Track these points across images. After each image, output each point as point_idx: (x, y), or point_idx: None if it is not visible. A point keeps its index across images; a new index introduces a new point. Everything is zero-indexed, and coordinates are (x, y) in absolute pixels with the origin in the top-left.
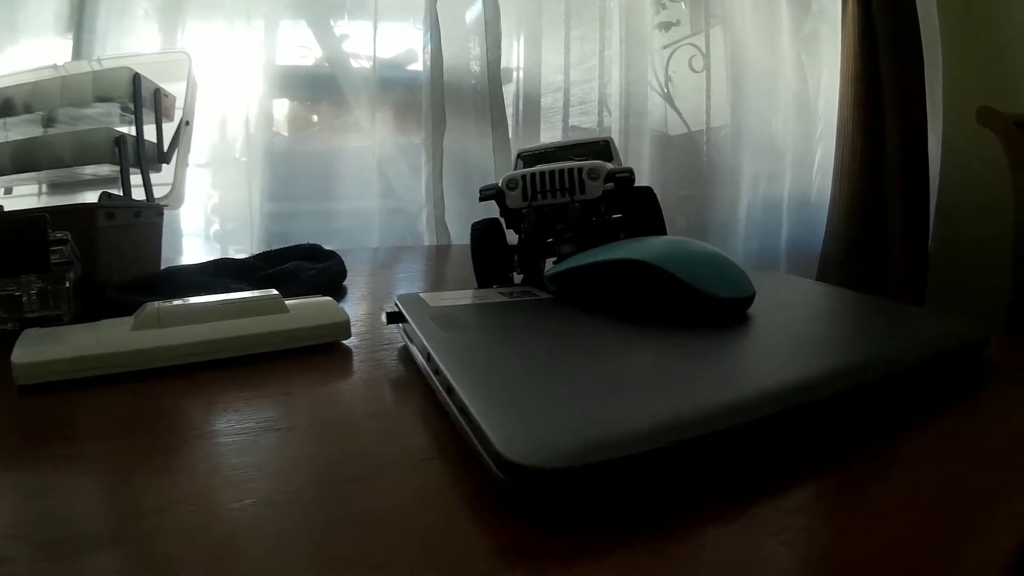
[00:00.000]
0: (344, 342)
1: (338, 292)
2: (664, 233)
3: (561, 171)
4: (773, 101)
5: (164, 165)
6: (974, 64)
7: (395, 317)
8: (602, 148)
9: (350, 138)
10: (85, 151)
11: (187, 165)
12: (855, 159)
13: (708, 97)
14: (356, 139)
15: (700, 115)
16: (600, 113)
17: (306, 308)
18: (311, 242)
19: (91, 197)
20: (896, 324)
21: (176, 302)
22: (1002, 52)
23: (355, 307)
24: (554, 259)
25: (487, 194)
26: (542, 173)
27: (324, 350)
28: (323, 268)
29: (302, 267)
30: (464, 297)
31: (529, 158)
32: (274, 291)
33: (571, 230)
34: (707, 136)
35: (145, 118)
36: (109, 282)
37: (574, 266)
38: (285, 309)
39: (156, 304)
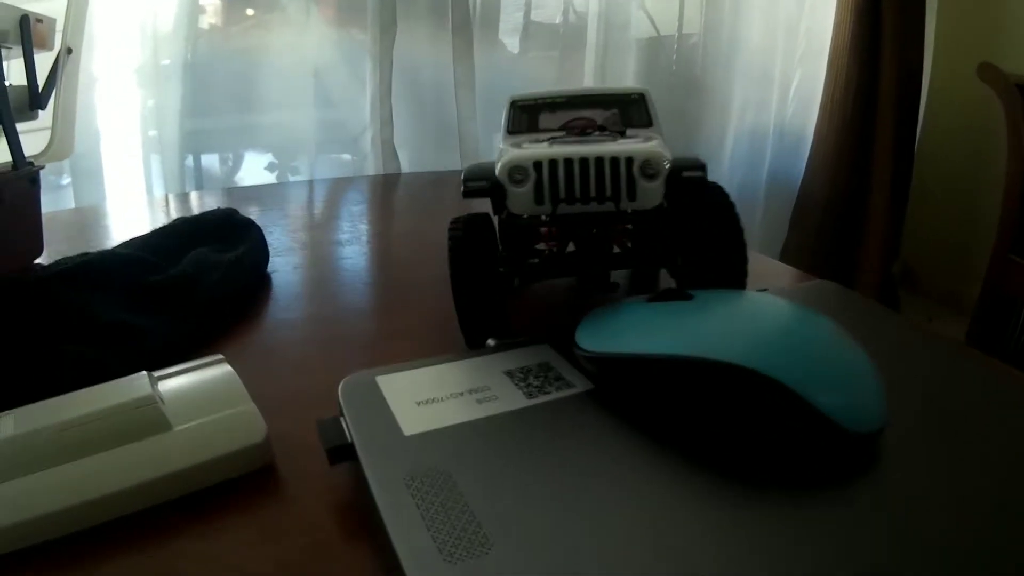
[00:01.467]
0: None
1: (255, 299)
2: (744, 262)
3: (600, 161)
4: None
5: (40, 111)
6: (969, 15)
7: (340, 454)
8: (634, 104)
9: (280, 36)
10: None
11: (75, 102)
12: (847, 93)
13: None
14: (288, 36)
15: (672, 21)
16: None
17: (201, 417)
18: (224, 207)
19: None
20: None
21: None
22: (998, 6)
23: (288, 345)
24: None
25: (475, 187)
26: (570, 161)
27: (233, 487)
28: (232, 263)
29: (203, 263)
30: (454, 390)
31: (528, 109)
32: (146, 387)
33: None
34: (677, 44)
35: (7, 55)
36: None
37: (633, 354)
38: (167, 425)
39: None
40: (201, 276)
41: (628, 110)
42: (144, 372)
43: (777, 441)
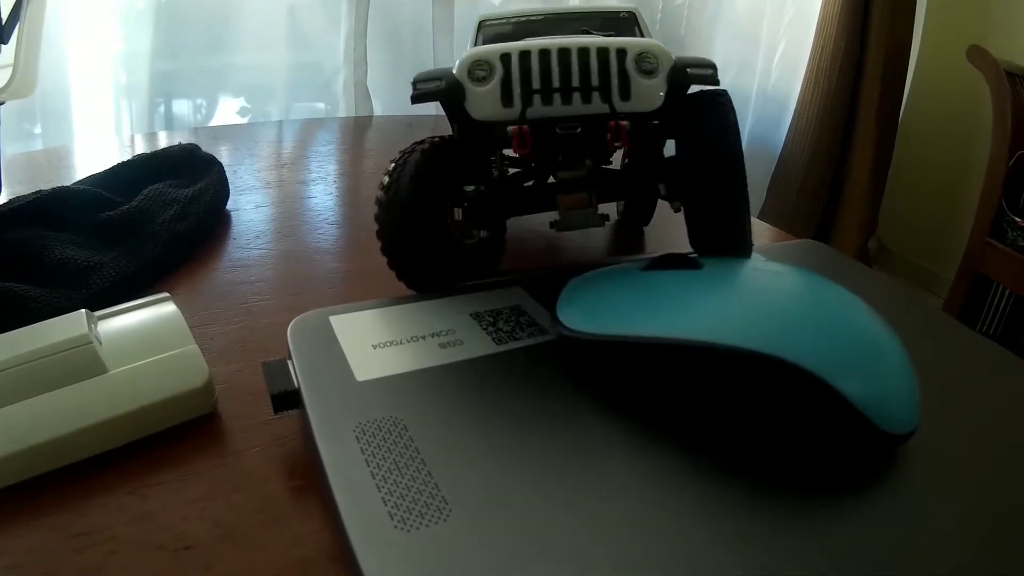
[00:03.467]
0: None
1: (211, 236)
2: (745, 189)
3: (584, 51)
4: None
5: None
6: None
7: (286, 401)
8: (624, 23)
9: None
10: None
11: (40, 39)
12: (833, 63)
13: None
14: None
15: None
16: None
17: (140, 359)
18: (186, 143)
19: None
20: None
21: None
22: None
23: (241, 284)
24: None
25: (427, 89)
26: (546, 52)
27: (170, 438)
28: (191, 198)
29: (160, 199)
30: (415, 333)
31: (499, 28)
32: (82, 326)
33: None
34: (662, 2)
35: None
36: None
37: (636, 337)
38: (101, 368)
39: None
40: (155, 211)
41: (616, 31)
42: (83, 311)
43: (788, 430)
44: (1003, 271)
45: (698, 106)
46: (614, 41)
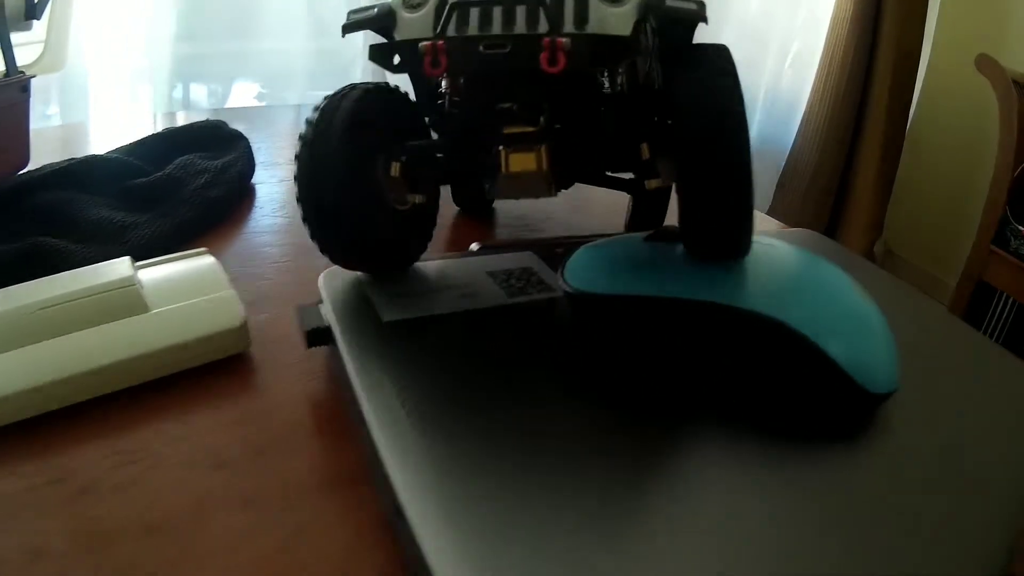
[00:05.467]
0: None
1: (239, 205)
2: (749, 163)
3: None
4: None
5: (35, 21)
6: (974, 4)
7: (318, 337)
8: None
9: None
10: None
11: (70, 16)
12: (843, 68)
13: None
14: None
15: None
16: None
17: (180, 301)
18: (214, 119)
19: None
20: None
21: None
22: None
23: (270, 247)
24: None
25: (357, 20)
26: None
27: (207, 373)
28: (221, 168)
29: (191, 168)
30: (436, 285)
31: None
32: (126, 269)
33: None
34: None
35: None
36: None
37: (643, 295)
38: (144, 307)
39: None
40: (187, 179)
41: None
42: (126, 257)
43: (779, 386)
44: (1006, 279)
45: (686, 66)
46: None
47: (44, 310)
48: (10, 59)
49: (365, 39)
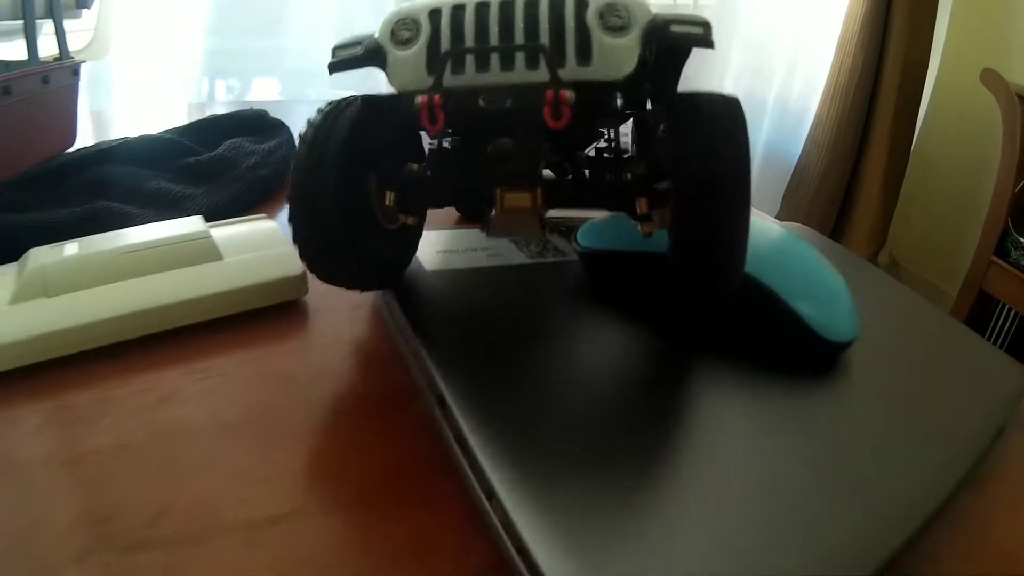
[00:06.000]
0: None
1: (284, 185)
2: (745, 241)
3: (532, 4)
4: None
5: (84, 10)
6: (983, 19)
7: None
8: None
9: None
10: None
11: (114, 6)
12: (851, 80)
13: None
14: None
15: None
16: None
17: (247, 253)
18: (255, 107)
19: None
20: (973, 386)
21: (70, 250)
22: (1011, 14)
23: None
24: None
25: (344, 56)
26: (484, 5)
27: (270, 314)
28: (268, 151)
29: (240, 150)
30: (468, 247)
31: None
32: (200, 224)
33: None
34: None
35: None
36: (4, 181)
37: (627, 251)
38: (215, 254)
39: (41, 260)
40: (238, 159)
41: None
42: (198, 216)
43: (760, 337)
44: (1006, 289)
45: (689, 114)
46: None
47: (130, 253)
48: (63, 44)
49: None
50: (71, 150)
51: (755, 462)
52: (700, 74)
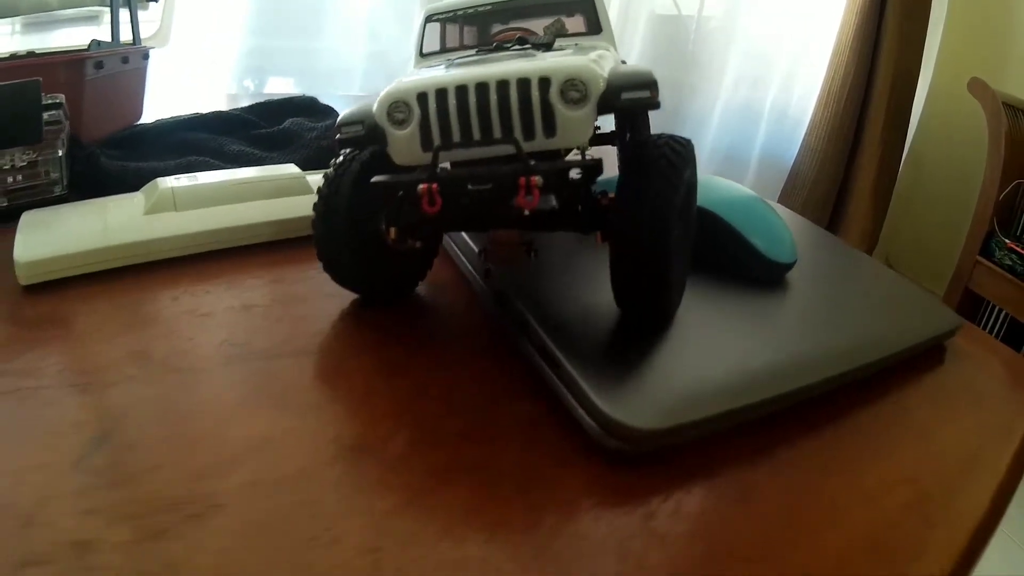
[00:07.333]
0: None
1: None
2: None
3: (504, 86)
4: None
5: (153, 3)
6: (977, 29)
7: None
8: (578, 7)
9: None
10: None
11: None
12: (843, 88)
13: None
14: None
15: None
16: None
17: None
18: (307, 95)
19: (60, 37)
20: (890, 305)
21: (189, 180)
22: (1004, 25)
23: None
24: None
25: (349, 135)
26: (463, 89)
27: None
28: (325, 128)
29: (302, 125)
30: None
31: (448, 24)
32: (294, 168)
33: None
34: (697, 24)
35: None
36: (95, 141)
37: None
38: (309, 189)
39: (170, 184)
40: (302, 132)
41: (571, 15)
42: (294, 166)
43: (725, 262)
44: (991, 288)
45: (636, 157)
46: (537, 67)
47: (242, 183)
48: (136, 32)
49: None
50: (144, 121)
51: (725, 332)
52: (703, 79)
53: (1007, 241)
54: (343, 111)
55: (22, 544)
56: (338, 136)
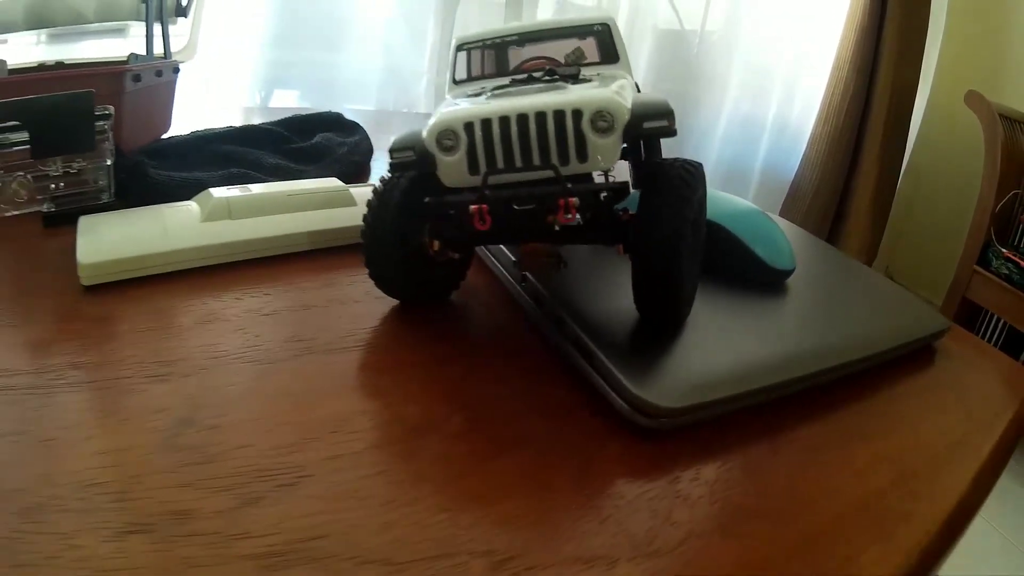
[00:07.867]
0: None
1: (368, 171)
2: (683, 271)
3: (541, 117)
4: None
5: (181, 18)
6: (975, 42)
7: None
8: (597, 37)
9: None
10: (109, 6)
11: (202, 11)
12: (843, 101)
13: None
14: None
15: (696, 15)
16: None
17: None
18: (333, 111)
19: (85, 48)
20: (881, 308)
21: (241, 191)
22: (1001, 39)
23: None
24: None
25: (401, 159)
26: (506, 120)
27: None
28: (355, 144)
29: (332, 140)
30: None
31: (478, 52)
32: (338, 181)
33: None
34: (700, 38)
35: None
36: (134, 151)
37: None
38: (353, 201)
39: (224, 194)
40: (332, 147)
41: (591, 43)
42: (337, 179)
43: (730, 270)
44: (988, 297)
45: (653, 178)
46: (569, 100)
47: (290, 196)
48: (167, 46)
49: (430, 60)
50: (178, 133)
51: (732, 329)
52: (706, 93)
53: (1004, 250)
54: (393, 138)
55: (122, 515)
56: (391, 160)
